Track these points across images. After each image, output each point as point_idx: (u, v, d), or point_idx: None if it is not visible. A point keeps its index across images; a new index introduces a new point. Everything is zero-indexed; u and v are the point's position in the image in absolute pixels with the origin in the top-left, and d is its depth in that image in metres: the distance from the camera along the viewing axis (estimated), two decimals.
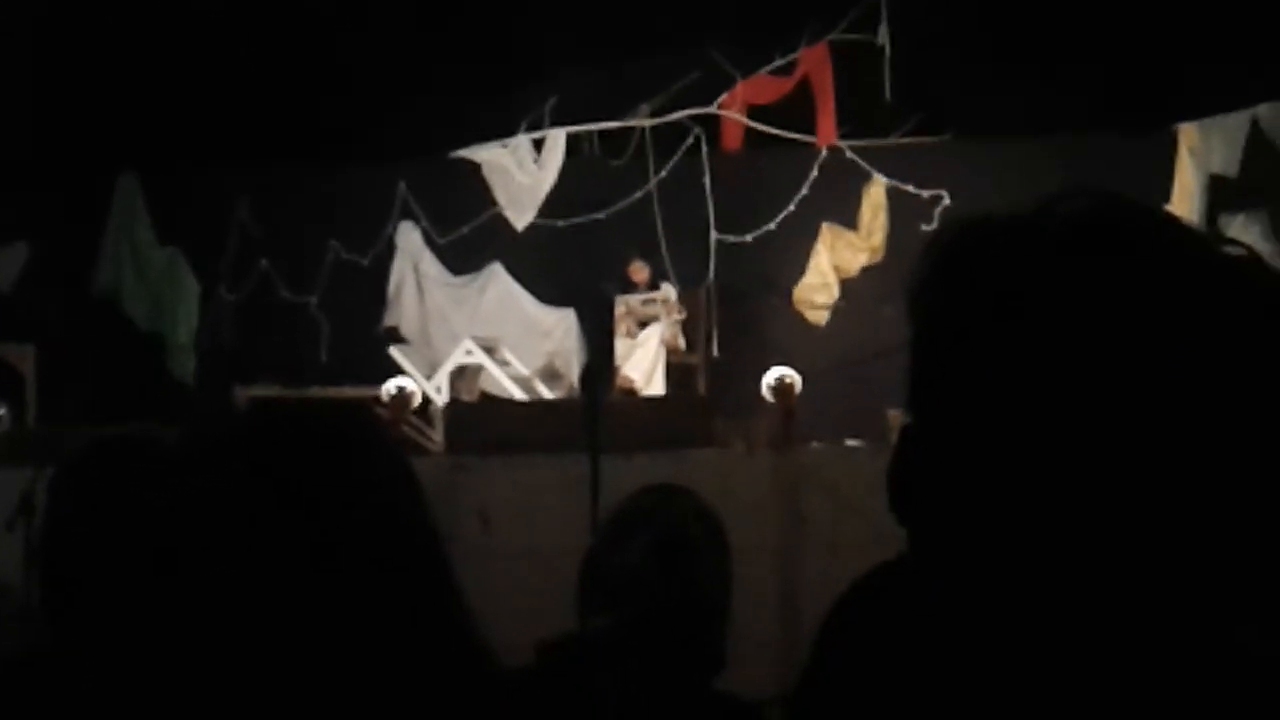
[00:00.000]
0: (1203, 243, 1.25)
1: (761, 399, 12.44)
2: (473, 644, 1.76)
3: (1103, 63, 13.83)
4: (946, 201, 14.53)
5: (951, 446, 1.23)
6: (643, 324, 14.39)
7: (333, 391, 14.18)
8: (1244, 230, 14.15)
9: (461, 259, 15.73)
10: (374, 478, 1.70)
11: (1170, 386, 1.17)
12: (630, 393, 13.93)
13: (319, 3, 14.63)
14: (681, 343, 14.53)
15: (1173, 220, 1.26)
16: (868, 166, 15.00)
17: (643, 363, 14.15)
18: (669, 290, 14.59)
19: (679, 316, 14.49)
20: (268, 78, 14.69)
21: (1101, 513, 1.17)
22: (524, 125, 15.54)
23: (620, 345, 14.23)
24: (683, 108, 15.25)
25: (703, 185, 15.20)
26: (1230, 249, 1.23)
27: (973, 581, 1.22)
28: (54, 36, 14.70)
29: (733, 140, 15.52)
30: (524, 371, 14.73)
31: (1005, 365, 1.20)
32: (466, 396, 14.08)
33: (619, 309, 14.37)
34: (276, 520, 1.61)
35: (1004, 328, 1.21)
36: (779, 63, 15.25)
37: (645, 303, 14.46)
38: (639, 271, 14.57)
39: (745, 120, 15.36)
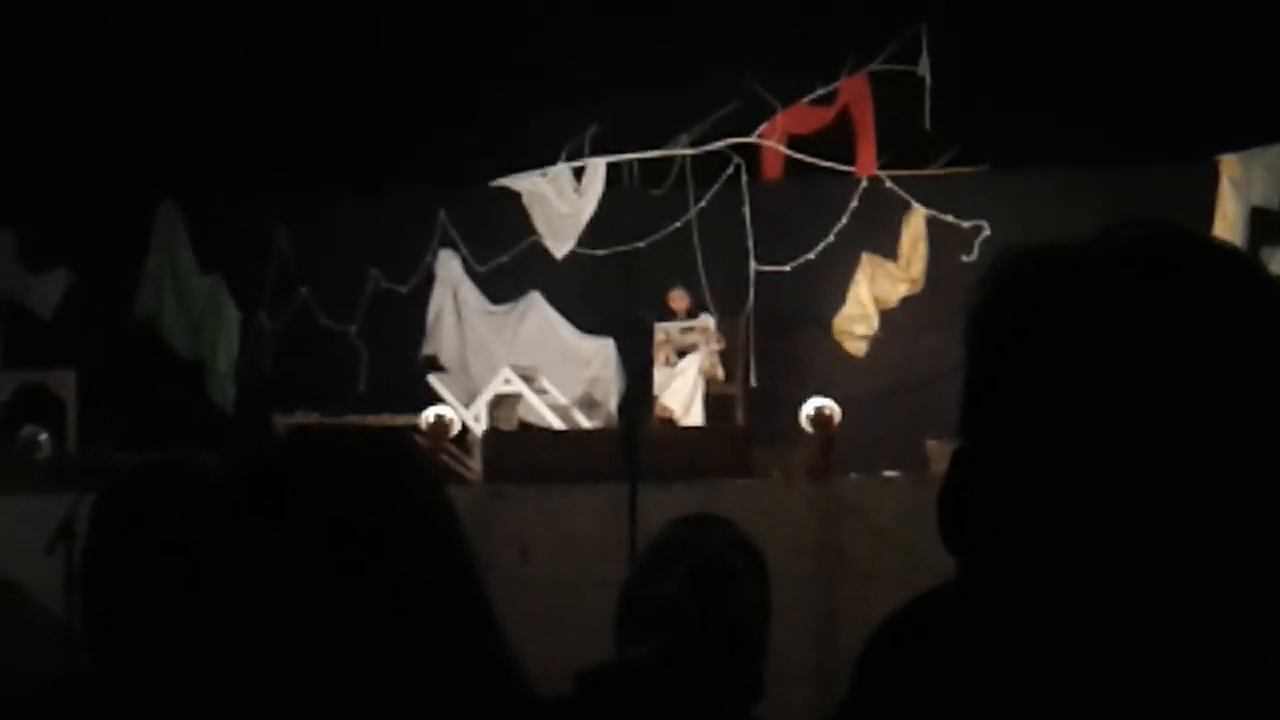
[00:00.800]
0: (1261, 272, 1.25)
1: (800, 429, 12.42)
2: (508, 672, 1.76)
3: (1144, 94, 13.80)
4: (986, 232, 14.50)
5: (1008, 473, 1.22)
6: (681, 353, 14.38)
7: (371, 419, 14.22)
8: None
9: (501, 287, 15.75)
10: (410, 504, 1.70)
11: (1233, 416, 1.17)
12: (669, 422, 13.92)
13: (359, 32, 14.69)
14: (720, 372, 14.52)
15: (1231, 249, 1.26)
16: (907, 197, 14.98)
17: (681, 392, 14.14)
18: (708, 320, 14.58)
19: (717, 346, 14.48)
20: (309, 106, 14.76)
21: (1162, 542, 1.17)
22: (564, 154, 15.57)
23: (659, 374, 14.22)
24: (723, 137, 15.26)
25: (742, 215, 15.20)
26: None
27: (1026, 612, 1.22)
28: (97, 63, 14.78)
29: (773, 170, 15.52)
30: (562, 400, 14.74)
31: (1064, 392, 1.19)
32: (505, 425, 14.09)
33: (658, 337, 14.36)
34: (313, 547, 1.61)
35: (1064, 354, 1.20)
36: (819, 92, 15.26)
37: (684, 331, 14.46)
38: (679, 300, 14.56)
39: (785, 150, 15.35)
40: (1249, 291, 1.21)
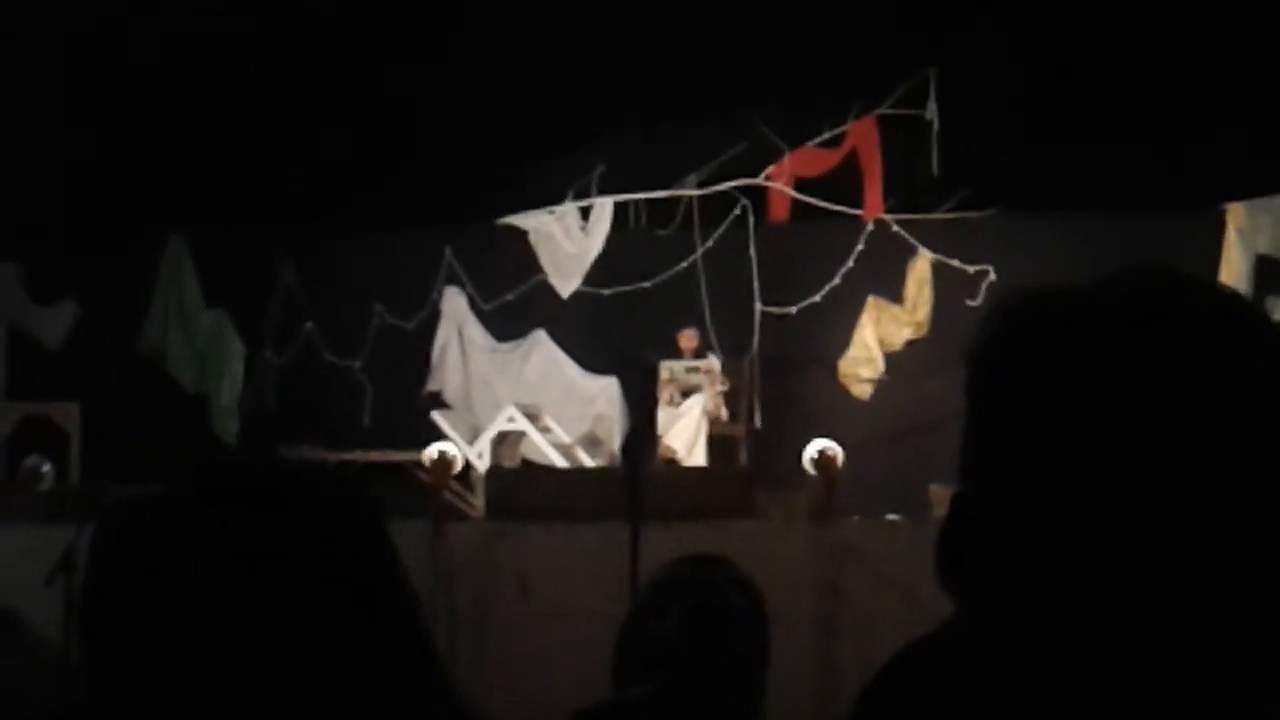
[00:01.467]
0: (1262, 319, 1.25)
1: (803, 471, 12.41)
2: (450, 712, 1.76)
3: (1151, 141, 13.82)
4: (992, 277, 14.51)
5: (1007, 518, 1.22)
6: (686, 393, 14.38)
7: (375, 455, 14.22)
8: None
9: (506, 325, 15.76)
10: (346, 542, 1.71)
11: (1233, 463, 1.17)
12: (672, 462, 13.92)
13: (367, 69, 14.73)
14: (724, 413, 14.52)
15: (1233, 296, 1.26)
16: (914, 240, 14.99)
17: (685, 433, 14.14)
18: (713, 361, 14.59)
19: (722, 388, 14.48)
20: (317, 141, 14.80)
21: (1161, 588, 1.17)
22: (571, 193, 15.60)
23: (663, 413, 14.22)
24: (730, 178, 15.28)
25: (749, 256, 15.22)
26: None
27: (1023, 655, 1.21)
28: (106, 97, 14.83)
29: (779, 212, 15.53)
30: (566, 439, 14.73)
31: (1064, 438, 1.19)
32: (508, 463, 14.08)
33: (663, 374, 14.36)
34: (245, 582, 1.62)
35: (1064, 400, 1.21)
36: (827, 135, 15.28)
37: (689, 370, 14.46)
38: (689, 339, 14.56)
39: (792, 192, 15.38)
40: (1250, 339, 1.22)
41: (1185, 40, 13.69)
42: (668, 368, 14.41)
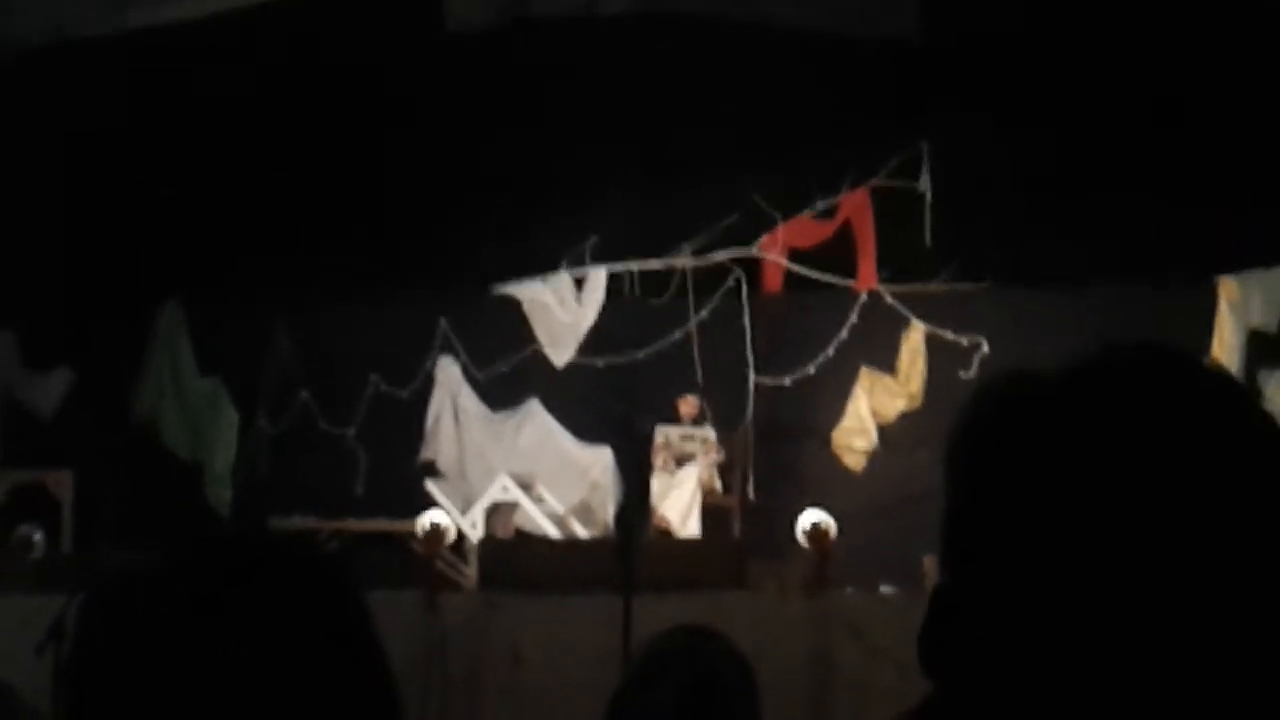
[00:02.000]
0: (1246, 397, 1.24)
1: (796, 542, 12.40)
2: None
3: (1143, 214, 13.87)
4: (985, 349, 14.53)
5: (988, 607, 1.21)
6: (680, 460, 14.37)
7: (368, 524, 14.20)
8: None
9: (500, 395, 15.76)
10: (325, 618, 1.72)
11: (1216, 549, 1.16)
12: (666, 533, 13.90)
13: (361, 139, 14.79)
14: (717, 484, 14.51)
15: (1220, 375, 1.26)
16: (907, 312, 15.01)
17: (679, 503, 14.12)
18: (708, 431, 14.59)
19: (716, 458, 14.48)
20: (311, 211, 14.84)
21: (1142, 677, 1.16)
22: (565, 263, 15.63)
23: (657, 481, 14.21)
24: (724, 249, 15.32)
25: (742, 326, 15.23)
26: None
27: None
28: (100, 165, 14.88)
29: (773, 282, 15.57)
30: (559, 509, 14.71)
31: (1047, 523, 1.19)
32: (501, 533, 14.06)
33: (658, 439, 14.36)
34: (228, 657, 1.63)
35: (1045, 487, 1.20)
36: (820, 206, 15.33)
37: (684, 438, 14.45)
38: (690, 405, 14.57)
39: (786, 262, 15.42)
40: (1235, 421, 1.21)
41: (1177, 115, 13.76)
42: (663, 433, 14.41)
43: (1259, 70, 13.42)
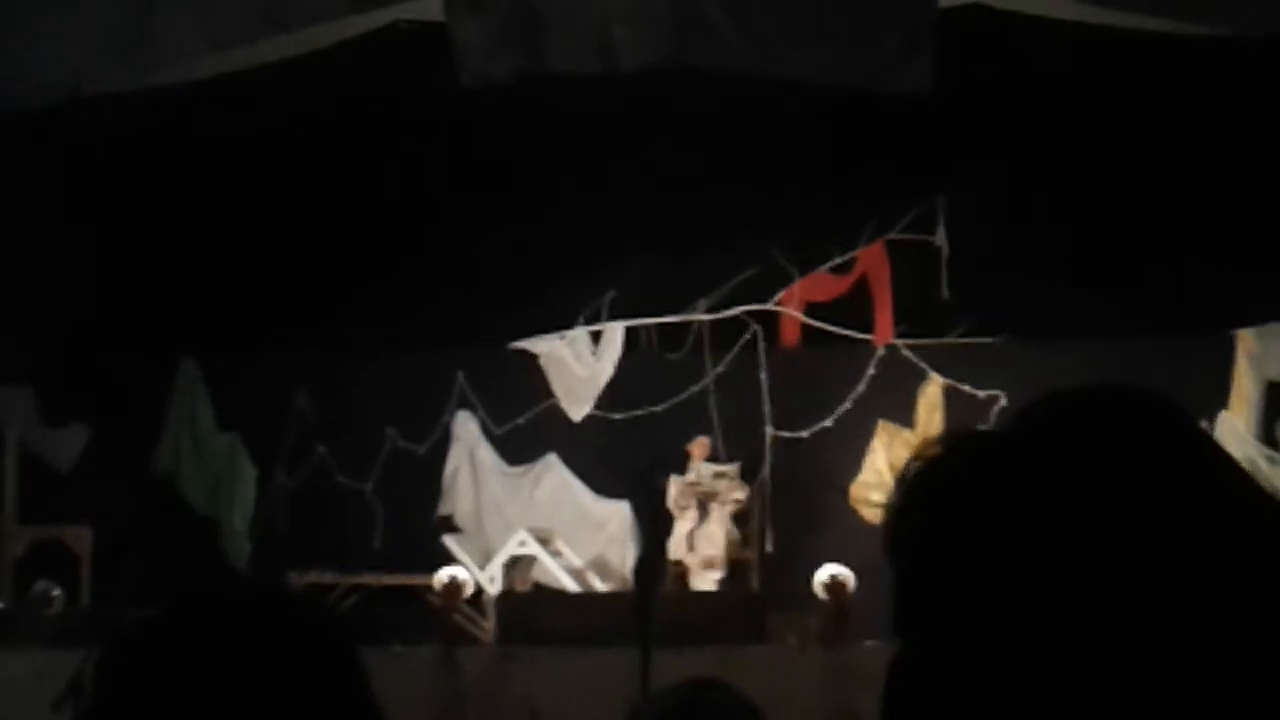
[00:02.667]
0: (1191, 436, 1.24)
1: (815, 595, 12.38)
2: None
3: (1161, 267, 13.88)
4: (1003, 402, 14.52)
5: (944, 671, 1.21)
6: (702, 501, 14.35)
7: (386, 579, 14.19)
8: None
9: (517, 449, 15.76)
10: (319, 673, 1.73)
11: (1163, 601, 1.16)
12: (684, 578, 13.93)
13: (378, 195, 14.84)
14: (736, 535, 14.49)
15: (1166, 413, 1.25)
16: (924, 365, 15.02)
17: (717, 537, 14.13)
18: (734, 467, 14.59)
19: (739, 495, 14.44)
20: (329, 267, 14.88)
21: None
22: (582, 318, 15.65)
23: (679, 525, 14.19)
24: (740, 303, 15.33)
25: (759, 380, 15.24)
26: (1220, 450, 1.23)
27: None
28: (119, 219, 14.94)
29: (790, 336, 15.59)
30: (577, 563, 14.70)
31: (979, 586, 1.19)
32: (519, 587, 14.06)
33: (689, 476, 14.34)
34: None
35: (973, 549, 1.20)
36: (837, 260, 15.35)
37: (716, 475, 14.44)
38: (701, 447, 14.56)
39: (802, 317, 15.43)
40: (1183, 465, 1.20)
41: (1194, 167, 13.77)
42: (695, 469, 14.41)
43: (1277, 124, 13.43)
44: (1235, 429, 14.46)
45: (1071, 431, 1.22)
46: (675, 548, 14.20)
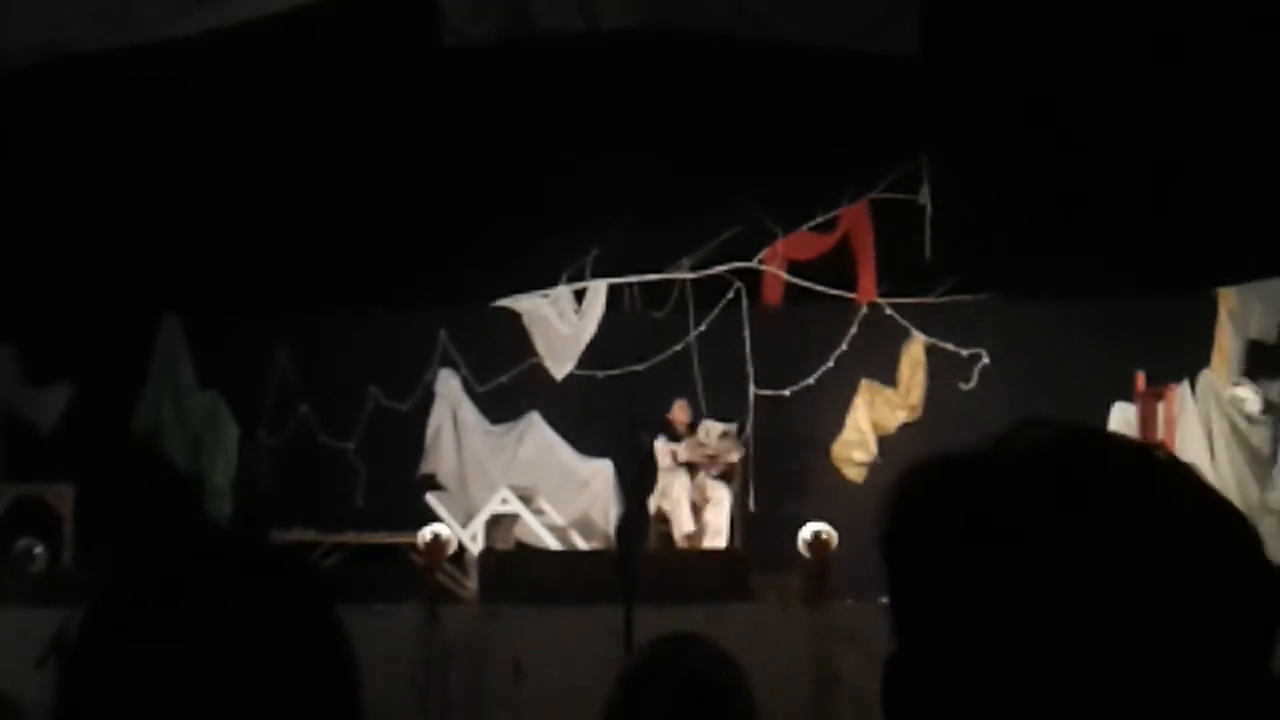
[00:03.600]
0: (1162, 463, 1.29)
1: (797, 554, 12.40)
2: None
3: (1143, 225, 13.89)
4: (985, 360, 14.56)
5: (938, 677, 1.27)
6: (713, 457, 14.39)
7: (368, 537, 14.20)
8: None
9: (500, 407, 15.77)
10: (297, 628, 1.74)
11: (1140, 613, 1.21)
12: (668, 535, 14.01)
13: (362, 153, 14.80)
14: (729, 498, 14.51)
15: (1124, 446, 1.31)
16: (907, 324, 15.03)
17: (718, 519, 14.16)
18: (734, 427, 14.64)
19: (735, 457, 14.48)
20: (312, 224, 14.84)
21: None
22: (565, 276, 15.64)
23: (671, 480, 14.22)
24: (724, 262, 15.33)
25: (742, 339, 15.25)
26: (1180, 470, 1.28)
27: None
28: (100, 179, 14.89)
29: (773, 295, 15.58)
30: (560, 521, 14.72)
31: (973, 594, 1.25)
32: (502, 545, 14.07)
33: (700, 434, 14.39)
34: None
35: (969, 562, 1.26)
36: (820, 219, 15.35)
37: (722, 436, 14.48)
38: (681, 410, 14.58)
39: (786, 275, 15.43)
40: (1149, 490, 1.26)
41: (1177, 127, 13.78)
42: (705, 428, 14.43)
43: (1258, 82, 13.44)
44: (1215, 388, 14.50)
45: (1062, 460, 1.28)
46: (679, 515, 14.17)
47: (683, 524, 14.10)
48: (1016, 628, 1.22)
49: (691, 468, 14.37)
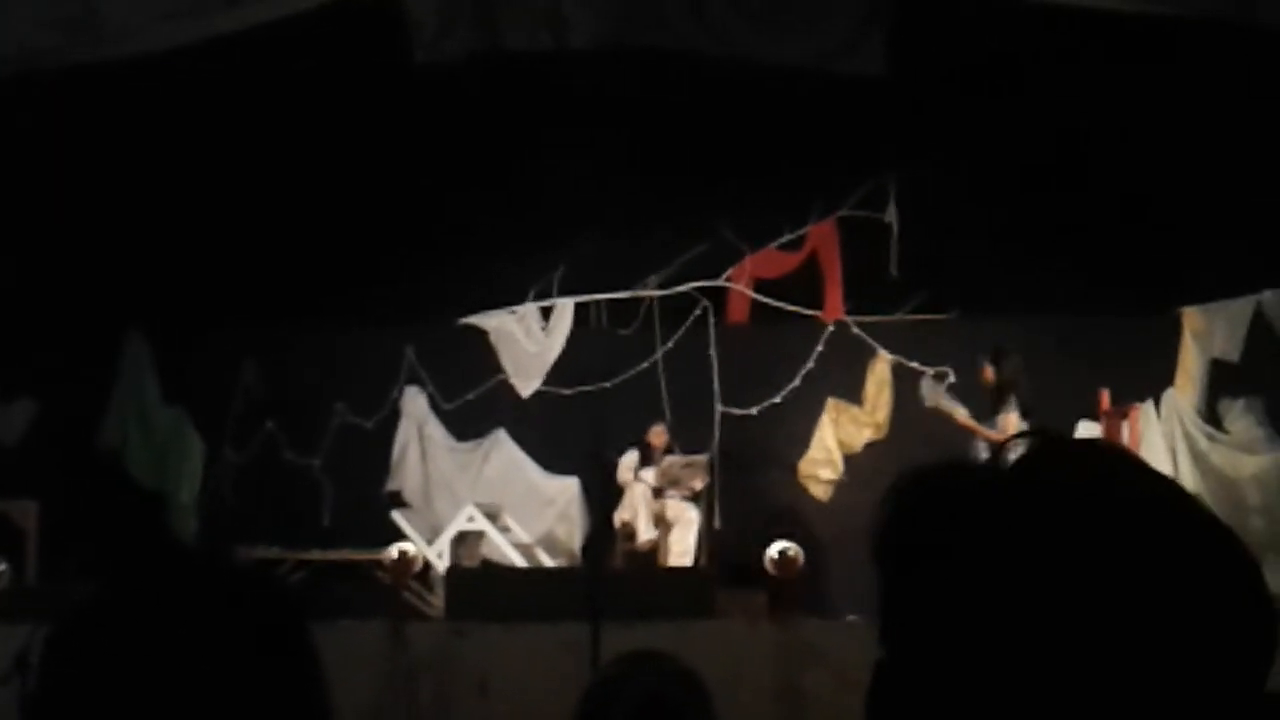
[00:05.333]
0: (1148, 475, 1.30)
1: (763, 571, 12.41)
2: None
3: (1108, 245, 13.94)
4: (952, 379, 14.58)
5: (924, 682, 1.29)
6: (674, 483, 14.36)
7: (334, 554, 14.16)
8: (1242, 415, 14.20)
9: (466, 425, 15.75)
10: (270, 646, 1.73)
11: (1123, 618, 1.22)
12: (633, 551, 13.97)
13: (328, 171, 14.76)
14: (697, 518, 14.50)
15: (1119, 456, 1.32)
16: (873, 342, 15.06)
17: (683, 543, 14.13)
18: (703, 459, 14.60)
19: (699, 484, 14.45)
20: (278, 241, 14.80)
21: None
22: (532, 293, 15.64)
23: (633, 495, 14.19)
24: (691, 280, 15.34)
25: (709, 357, 15.26)
26: (1167, 485, 1.29)
27: None
28: (62, 191, 14.82)
29: (739, 313, 15.60)
30: (526, 539, 14.70)
31: (961, 603, 1.26)
32: (468, 562, 14.04)
33: (662, 464, 14.34)
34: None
35: (958, 568, 1.27)
36: (787, 237, 15.37)
37: (686, 466, 14.45)
38: (659, 435, 14.56)
39: (752, 293, 15.45)
40: (1135, 501, 1.28)
41: (1141, 147, 13.83)
42: (669, 461, 14.40)
43: (1223, 103, 13.50)
44: (1180, 407, 14.56)
45: (1048, 471, 1.30)
46: (638, 524, 14.16)
47: (642, 531, 14.09)
48: (1003, 636, 1.23)
49: (657, 489, 14.35)
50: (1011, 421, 13.00)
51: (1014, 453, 1.32)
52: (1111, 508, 1.25)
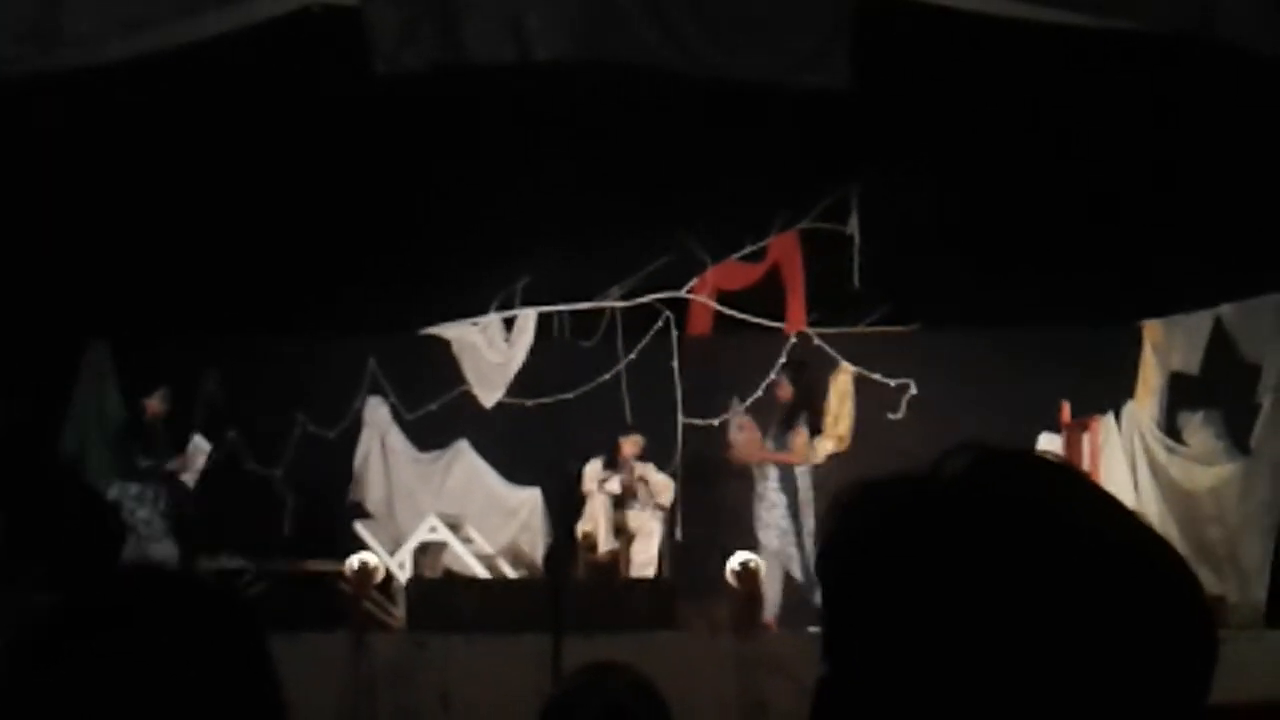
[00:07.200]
0: (1086, 487, 1.31)
1: (725, 583, 12.41)
2: None
3: (1070, 258, 13.99)
4: (914, 391, 14.62)
5: (866, 692, 1.29)
6: (632, 491, 14.34)
7: (296, 565, 14.12)
8: (1202, 428, 14.26)
9: (429, 435, 15.73)
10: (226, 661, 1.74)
11: (1035, 624, 1.23)
12: (597, 562, 13.94)
13: (291, 179, 14.73)
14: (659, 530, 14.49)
15: (1049, 470, 1.33)
16: (835, 354, 15.08)
17: (647, 552, 14.11)
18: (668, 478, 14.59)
19: (666, 500, 14.43)
20: (241, 250, 14.76)
21: None
22: (495, 304, 15.63)
23: (602, 517, 14.17)
24: (653, 291, 15.35)
25: (671, 368, 15.26)
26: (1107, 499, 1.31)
27: None
28: (27, 201, 14.75)
29: (702, 324, 15.62)
30: (488, 550, 14.69)
31: (902, 617, 1.26)
32: (430, 573, 14.03)
33: (637, 471, 14.32)
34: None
35: (899, 582, 1.27)
36: (749, 249, 15.40)
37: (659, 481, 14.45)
38: (633, 445, 14.51)
39: (715, 305, 15.47)
40: (1073, 514, 1.28)
41: (1104, 160, 13.88)
42: (642, 469, 14.37)
43: (1186, 118, 13.56)
44: (1140, 419, 14.63)
45: (989, 485, 1.30)
46: (599, 533, 14.15)
47: (603, 542, 14.08)
48: (946, 650, 1.23)
49: (620, 500, 14.34)
50: (801, 438, 13.07)
51: (954, 466, 1.32)
52: (1051, 522, 1.26)
